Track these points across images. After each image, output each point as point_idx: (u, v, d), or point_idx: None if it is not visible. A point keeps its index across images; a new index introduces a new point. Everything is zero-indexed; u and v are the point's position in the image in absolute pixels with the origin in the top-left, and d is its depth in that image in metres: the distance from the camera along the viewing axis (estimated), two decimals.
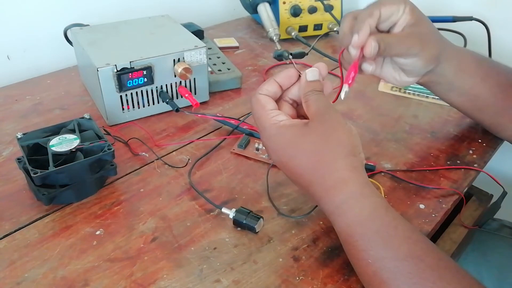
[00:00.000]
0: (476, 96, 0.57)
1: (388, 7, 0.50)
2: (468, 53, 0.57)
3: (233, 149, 0.58)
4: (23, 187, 0.51)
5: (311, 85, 0.44)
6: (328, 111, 0.42)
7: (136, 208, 0.49)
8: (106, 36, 0.65)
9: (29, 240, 0.45)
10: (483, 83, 0.56)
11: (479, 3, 0.86)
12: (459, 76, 0.55)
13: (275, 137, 0.43)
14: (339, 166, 0.40)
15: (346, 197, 0.40)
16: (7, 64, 0.76)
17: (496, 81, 0.56)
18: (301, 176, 0.42)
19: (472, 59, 0.56)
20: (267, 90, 0.45)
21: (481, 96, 0.56)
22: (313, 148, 0.41)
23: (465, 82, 0.56)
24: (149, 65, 0.59)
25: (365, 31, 0.48)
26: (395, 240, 0.38)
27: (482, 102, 0.57)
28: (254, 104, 0.45)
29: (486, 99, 0.56)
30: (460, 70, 0.55)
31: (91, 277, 0.41)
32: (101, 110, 0.64)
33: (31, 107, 0.66)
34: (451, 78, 0.55)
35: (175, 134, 0.61)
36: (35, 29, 0.77)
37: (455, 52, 0.55)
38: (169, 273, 0.42)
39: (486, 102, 0.57)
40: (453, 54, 0.55)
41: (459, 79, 0.55)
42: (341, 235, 0.41)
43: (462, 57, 0.56)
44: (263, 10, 0.86)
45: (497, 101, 0.56)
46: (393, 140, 0.61)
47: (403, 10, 0.51)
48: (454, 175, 0.56)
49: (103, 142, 0.49)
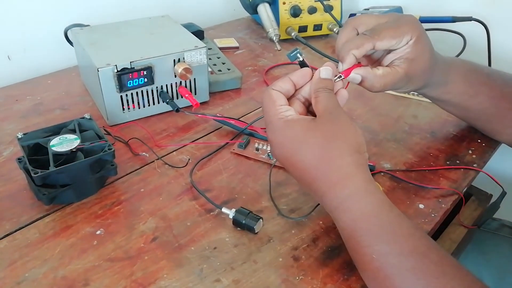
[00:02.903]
0: (466, 109, 0.58)
1: (386, 42, 0.47)
2: (458, 71, 0.55)
3: (233, 149, 0.58)
4: (23, 187, 0.51)
5: (323, 82, 0.44)
6: (337, 109, 0.42)
7: (137, 208, 0.49)
8: (106, 36, 0.65)
9: (30, 240, 0.45)
10: (472, 99, 0.56)
11: (479, 3, 0.86)
12: (445, 96, 0.56)
13: (281, 131, 0.42)
14: (345, 162, 0.40)
15: (351, 192, 0.40)
16: (7, 64, 0.76)
17: (487, 96, 0.56)
18: (304, 172, 0.42)
19: (461, 79, 0.55)
20: (280, 86, 0.45)
21: (472, 109, 0.57)
22: (319, 143, 0.40)
23: (453, 100, 0.57)
24: (150, 65, 0.59)
25: (348, 63, 0.46)
26: (400, 236, 0.38)
27: (473, 113, 0.58)
28: (266, 98, 0.44)
29: (477, 111, 0.58)
30: (446, 92, 0.55)
31: (91, 276, 0.41)
32: (101, 110, 0.64)
33: (31, 107, 0.66)
34: (438, 97, 0.56)
35: (176, 134, 0.62)
36: (36, 29, 0.77)
37: (443, 75, 0.53)
38: (169, 273, 0.42)
39: (477, 113, 0.58)
40: (440, 79, 0.53)
41: (446, 97, 0.56)
42: (345, 231, 0.41)
43: (450, 80, 0.54)
44: (263, 10, 0.87)
45: (489, 112, 0.57)
46: (393, 140, 0.61)
47: (406, 42, 0.48)
48: (454, 175, 0.56)
49: (103, 142, 0.50)
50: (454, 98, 0.56)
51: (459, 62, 0.56)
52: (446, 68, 0.53)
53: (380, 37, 0.47)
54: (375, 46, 0.47)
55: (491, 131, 0.60)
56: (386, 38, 0.47)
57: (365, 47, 0.46)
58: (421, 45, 0.48)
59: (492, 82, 0.57)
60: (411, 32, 0.47)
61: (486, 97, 0.56)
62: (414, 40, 0.47)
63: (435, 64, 0.51)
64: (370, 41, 0.46)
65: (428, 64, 0.50)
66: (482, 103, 0.56)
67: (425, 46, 0.49)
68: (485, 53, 0.82)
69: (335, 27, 0.92)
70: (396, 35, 0.47)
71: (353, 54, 0.46)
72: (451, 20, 0.81)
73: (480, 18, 0.80)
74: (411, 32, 0.47)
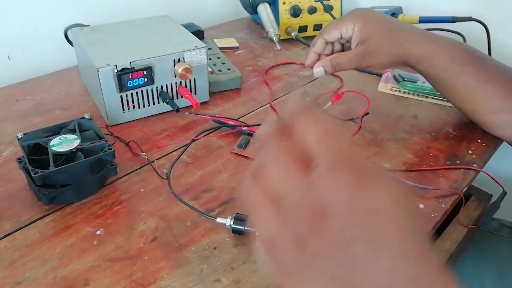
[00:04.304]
0: (453, 88, 0.59)
1: (331, 34, 0.61)
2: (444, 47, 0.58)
3: (233, 149, 0.58)
4: (23, 187, 0.51)
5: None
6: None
7: (137, 208, 0.49)
8: (106, 36, 0.65)
9: (30, 240, 0.45)
10: (459, 77, 0.58)
11: (478, 3, 0.86)
12: (433, 71, 0.59)
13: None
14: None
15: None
16: (7, 64, 0.76)
17: (473, 76, 0.57)
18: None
19: (447, 54, 0.58)
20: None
21: (458, 88, 0.59)
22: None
23: (441, 76, 0.59)
24: (150, 65, 0.59)
25: (310, 59, 0.63)
26: None
27: (458, 93, 0.60)
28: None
29: (463, 91, 0.59)
30: (432, 67, 0.59)
31: (91, 276, 0.41)
32: (101, 110, 0.64)
33: (31, 107, 0.66)
34: (426, 71, 0.60)
35: (176, 134, 0.62)
36: (36, 29, 0.77)
37: (426, 49, 0.58)
38: (169, 273, 0.42)
39: (463, 94, 0.59)
40: (422, 53, 0.58)
41: (433, 72, 0.59)
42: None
43: (434, 54, 0.58)
44: (263, 10, 0.87)
45: (475, 93, 0.58)
46: (393, 140, 0.61)
47: (352, 29, 0.59)
48: (454, 175, 0.56)
49: (103, 142, 0.50)
50: (441, 74, 0.59)
51: (447, 40, 0.60)
52: (429, 42, 0.58)
53: (325, 32, 0.61)
54: (326, 40, 0.61)
55: (474, 114, 0.61)
56: (330, 31, 0.61)
57: (318, 44, 0.62)
58: (367, 28, 0.58)
59: (481, 64, 0.58)
60: (352, 21, 0.59)
61: (472, 77, 0.57)
62: (358, 26, 0.58)
63: (397, 38, 0.58)
64: (320, 37, 0.62)
65: (383, 40, 0.58)
66: (468, 83, 0.58)
67: (373, 28, 0.58)
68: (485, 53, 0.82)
69: None
70: (337, 27, 0.60)
71: (313, 52, 0.63)
72: (451, 20, 0.81)
73: (480, 18, 0.80)
74: (353, 21, 0.59)
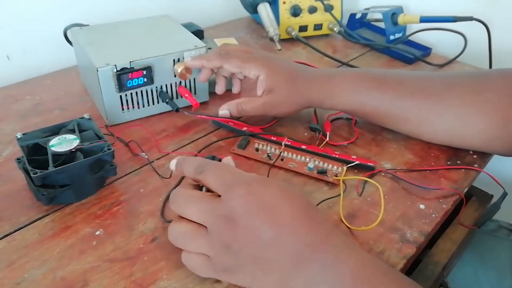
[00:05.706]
0: (379, 116, 0.58)
1: (231, 67, 0.58)
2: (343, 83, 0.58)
3: (233, 149, 0.58)
4: (22, 187, 0.51)
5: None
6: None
7: (136, 209, 0.49)
8: (106, 36, 0.65)
9: (29, 241, 0.44)
10: (367, 106, 0.57)
11: (480, 3, 0.86)
12: (345, 107, 0.59)
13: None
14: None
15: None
16: (6, 64, 0.76)
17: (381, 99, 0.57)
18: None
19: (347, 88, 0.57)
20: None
21: (381, 115, 0.58)
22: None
23: (347, 110, 0.60)
24: (149, 65, 0.59)
25: (204, 76, 0.61)
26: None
27: (387, 119, 0.59)
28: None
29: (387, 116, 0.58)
30: (338, 104, 0.58)
31: (90, 277, 0.41)
32: (100, 110, 0.63)
33: (30, 107, 0.66)
34: (342, 108, 0.59)
35: (175, 134, 0.61)
36: (35, 29, 0.77)
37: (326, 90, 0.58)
38: (169, 274, 0.42)
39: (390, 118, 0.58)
40: (323, 95, 0.58)
41: (348, 108, 0.59)
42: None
43: (335, 93, 0.58)
44: (263, 10, 0.86)
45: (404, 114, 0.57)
46: (393, 140, 0.61)
47: (255, 75, 0.57)
48: (454, 175, 0.56)
49: (103, 142, 0.49)
50: (348, 107, 0.59)
51: (346, 74, 0.59)
52: (326, 83, 0.58)
53: (229, 61, 0.58)
54: (223, 66, 0.58)
55: (412, 132, 0.59)
56: (232, 64, 0.58)
57: (213, 63, 0.59)
58: (273, 79, 0.57)
59: (388, 84, 0.57)
60: (258, 70, 0.57)
61: (380, 101, 0.56)
62: (263, 75, 0.57)
63: (301, 88, 0.58)
64: (219, 60, 0.58)
65: (288, 92, 0.57)
66: (379, 107, 0.57)
67: (279, 78, 0.57)
68: (486, 53, 0.82)
69: (335, 26, 0.92)
70: (241, 66, 0.57)
71: (202, 64, 0.59)
72: (452, 20, 0.81)
73: (481, 18, 0.79)
74: (258, 71, 0.57)
